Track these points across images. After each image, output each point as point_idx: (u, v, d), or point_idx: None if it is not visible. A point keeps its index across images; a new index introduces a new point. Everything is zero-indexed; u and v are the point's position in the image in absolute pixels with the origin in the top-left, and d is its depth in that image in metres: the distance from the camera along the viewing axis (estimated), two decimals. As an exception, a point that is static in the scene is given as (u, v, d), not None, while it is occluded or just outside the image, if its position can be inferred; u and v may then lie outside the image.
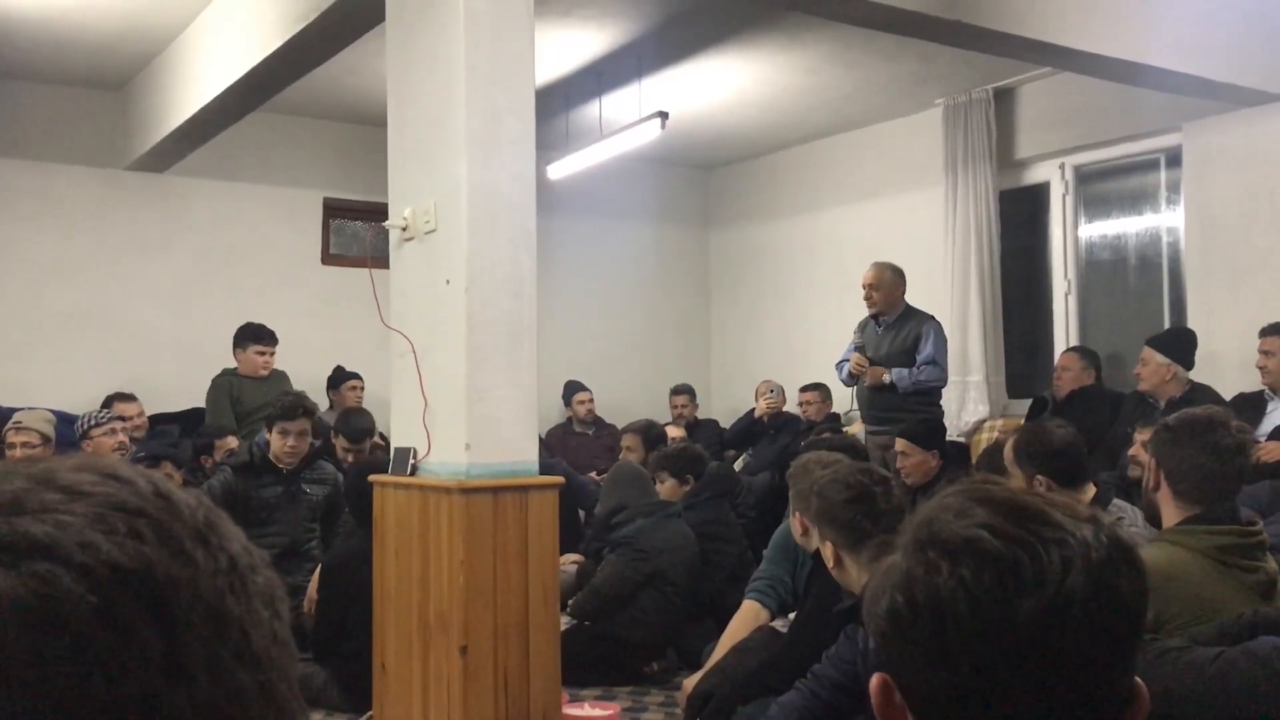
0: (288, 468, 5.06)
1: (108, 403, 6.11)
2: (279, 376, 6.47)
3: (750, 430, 7.44)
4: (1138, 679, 0.95)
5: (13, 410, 5.49)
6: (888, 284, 5.78)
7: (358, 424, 5.69)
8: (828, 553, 2.85)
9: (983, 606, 0.89)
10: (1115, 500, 3.45)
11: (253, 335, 6.39)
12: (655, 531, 4.82)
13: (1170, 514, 2.53)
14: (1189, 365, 5.35)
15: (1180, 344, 5.40)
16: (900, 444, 4.98)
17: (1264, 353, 5.13)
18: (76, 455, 0.60)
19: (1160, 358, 5.31)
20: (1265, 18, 5.50)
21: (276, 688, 0.57)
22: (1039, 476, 3.26)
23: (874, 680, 0.98)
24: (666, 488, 5.35)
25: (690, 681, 3.79)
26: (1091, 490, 3.32)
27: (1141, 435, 4.07)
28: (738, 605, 4.19)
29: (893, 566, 0.96)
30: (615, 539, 4.88)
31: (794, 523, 3.35)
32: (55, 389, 6.25)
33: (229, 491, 4.88)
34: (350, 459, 5.44)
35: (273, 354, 6.42)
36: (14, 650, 0.49)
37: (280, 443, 5.00)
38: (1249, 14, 5.43)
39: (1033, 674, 0.89)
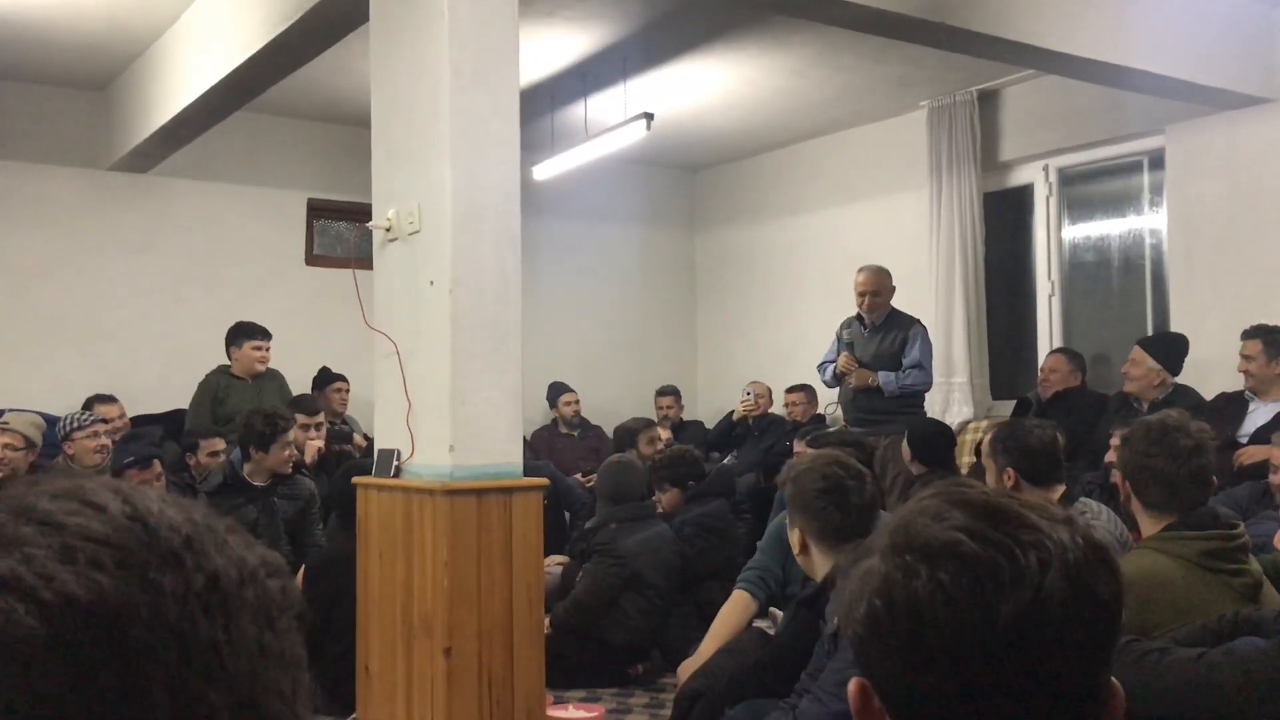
0: (268, 482, 5.14)
1: (88, 404, 6.07)
2: (273, 376, 6.40)
3: (729, 433, 7.45)
4: (1114, 679, 0.95)
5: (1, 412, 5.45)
6: (886, 289, 5.83)
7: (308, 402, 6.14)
8: (795, 539, 2.89)
9: (961, 610, 0.89)
10: (1082, 499, 3.47)
11: (245, 332, 6.32)
12: (630, 535, 4.82)
13: (1147, 525, 2.52)
14: (1176, 372, 5.37)
15: (1172, 350, 5.41)
16: (905, 448, 5.01)
17: (1245, 356, 5.14)
18: (65, 479, 0.61)
19: (1151, 362, 5.33)
20: (1248, 21, 5.53)
21: (259, 701, 0.57)
22: (1009, 470, 3.30)
23: (852, 684, 0.98)
24: (669, 497, 5.38)
25: (684, 669, 3.75)
26: (1060, 490, 3.34)
27: (1115, 440, 4.09)
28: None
29: (870, 571, 0.96)
30: (590, 546, 4.89)
31: (791, 538, 3.34)
32: (37, 391, 6.21)
33: None
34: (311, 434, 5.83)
35: (268, 349, 6.35)
36: None
37: (281, 456, 5.15)
38: (1232, 17, 5.46)
39: (1011, 676, 0.90)
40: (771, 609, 4.13)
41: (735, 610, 3.92)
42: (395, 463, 3.45)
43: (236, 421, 5.58)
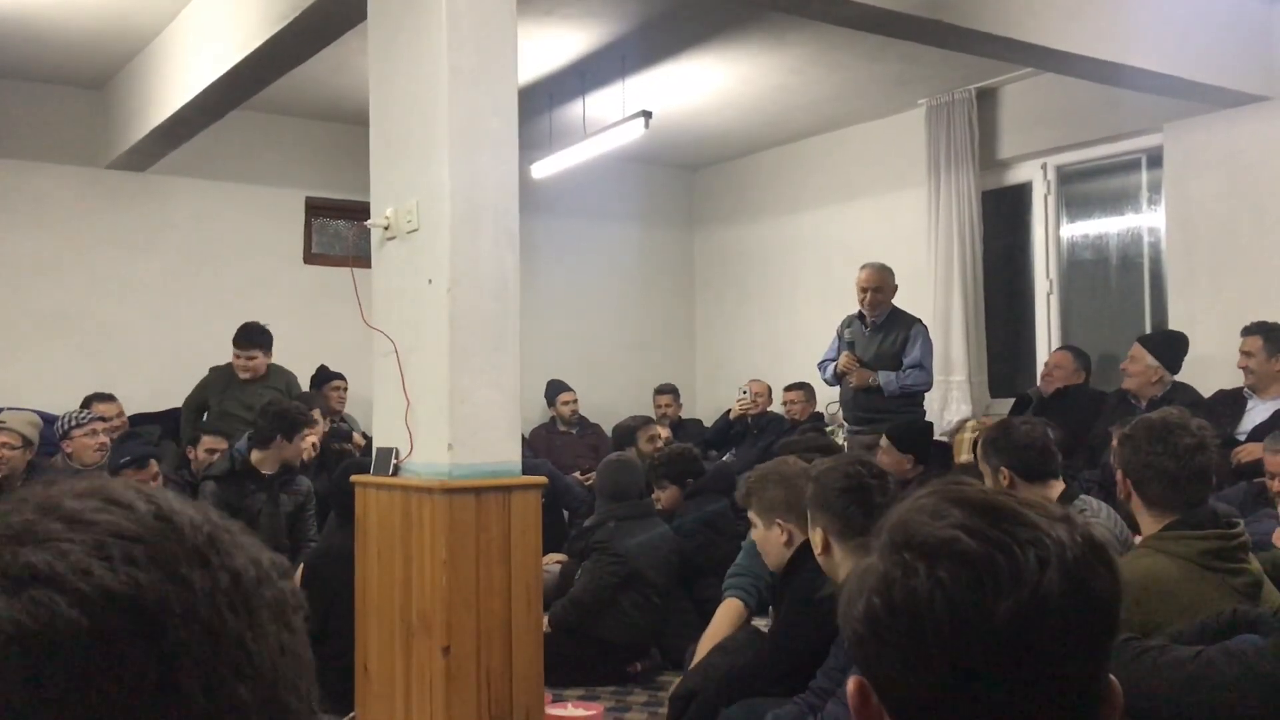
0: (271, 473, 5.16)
1: (86, 403, 6.06)
2: (279, 375, 6.27)
3: (727, 431, 7.45)
4: (1111, 676, 0.95)
5: (-1, 410, 5.45)
6: (889, 287, 5.84)
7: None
8: (817, 539, 2.88)
9: (960, 608, 0.89)
10: (1081, 496, 3.47)
11: (235, 338, 6.21)
12: (629, 533, 4.82)
13: (1147, 523, 2.53)
14: (1176, 370, 5.37)
15: (1171, 348, 5.42)
16: (883, 440, 4.99)
17: (1245, 353, 5.15)
18: (84, 480, 0.62)
19: (1150, 359, 5.33)
20: (1246, 19, 5.53)
21: (281, 698, 0.59)
22: (1003, 469, 3.31)
23: (850, 683, 0.98)
24: (669, 495, 5.38)
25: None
26: (1059, 487, 3.34)
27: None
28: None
29: (868, 569, 0.96)
30: (589, 544, 4.88)
31: (757, 534, 3.35)
32: (34, 389, 6.21)
33: (219, 503, 4.94)
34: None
35: (250, 358, 6.14)
36: (12, 671, 0.52)
37: (299, 447, 5.28)
38: (1230, 15, 5.46)
39: (1010, 673, 0.90)
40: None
41: (729, 619, 3.87)
42: (394, 461, 3.45)
43: (255, 413, 5.57)
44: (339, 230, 7.62)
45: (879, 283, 5.83)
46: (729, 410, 7.51)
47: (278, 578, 0.62)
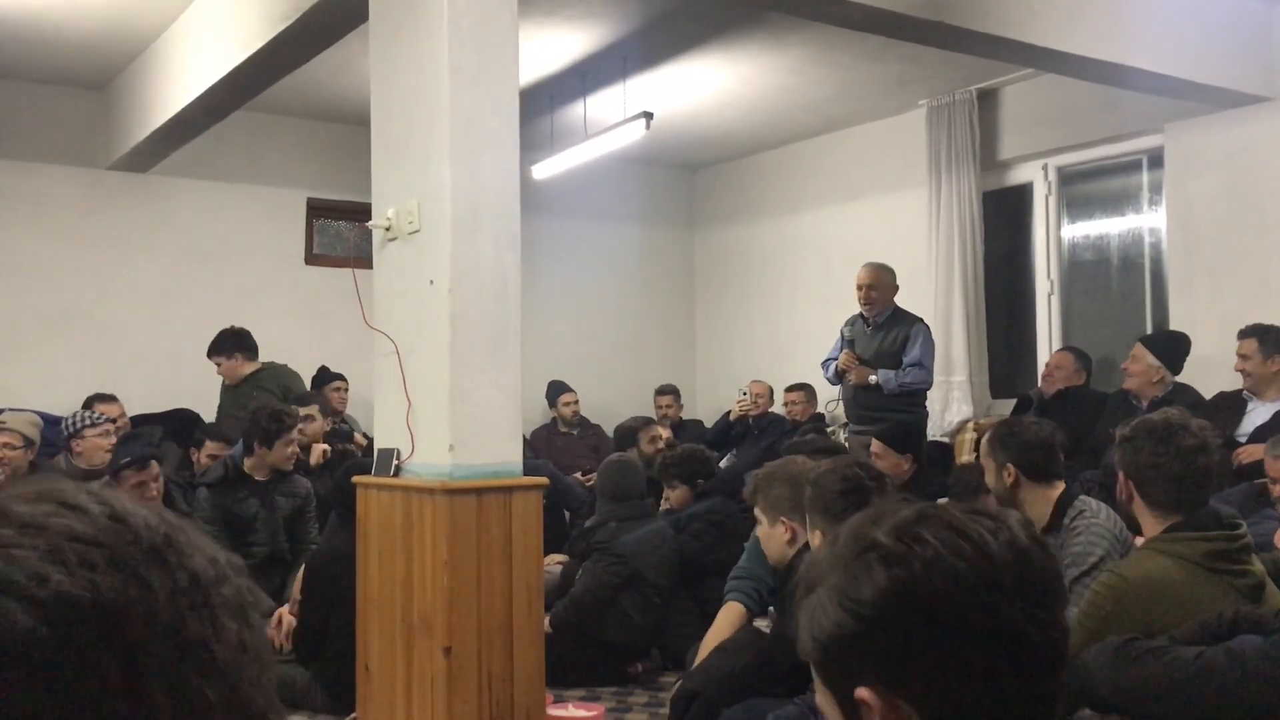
0: (268, 477, 5.17)
1: (88, 404, 6.05)
2: (272, 374, 6.21)
3: (727, 432, 7.44)
4: None
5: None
6: (886, 285, 5.84)
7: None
8: (816, 541, 2.89)
9: (973, 559, 0.97)
10: (1081, 497, 3.47)
11: None
12: (629, 534, 4.82)
13: (1150, 524, 2.52)
14: (1177, 370, 5.37)
15: (1173, 348, 5.42)
16: (875, 445, 4.98)
17: (1241, 355, 5.14)
18: (36, 483, 0.61)
19: (1152, 359, 5.33)
20: (1246, 19, 5.53)
21: (246, 697, 0.58)
22: (1009, 467, 3.29)
23: (867, 695, 0.97)
24: (678, 495, 5.38)
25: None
26: (1060, 488, 3.33)
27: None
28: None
29: (862, 563, 0.99)
30: (589, 544, 4.88)
31: (762, 531, 3.35)
32: (35, 390, 6.21)
33: (213, 509, 4.99)
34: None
35: (217, 366, 6.15)
36: None
37: (284, 453, 5.17)
38: (1230, 16, 5.46)
39: (1019, 623, 0.97)
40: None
41: (730, 622, 3.84)
42: (395, 462, 3.46)
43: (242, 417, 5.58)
44: (340, 231, 7.62)
45: (875, 281, 5.83)
46: (729, 411, 7.51)
47: (234, 575, 0.61)
